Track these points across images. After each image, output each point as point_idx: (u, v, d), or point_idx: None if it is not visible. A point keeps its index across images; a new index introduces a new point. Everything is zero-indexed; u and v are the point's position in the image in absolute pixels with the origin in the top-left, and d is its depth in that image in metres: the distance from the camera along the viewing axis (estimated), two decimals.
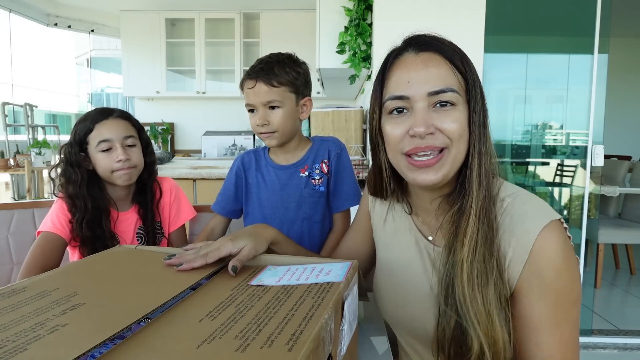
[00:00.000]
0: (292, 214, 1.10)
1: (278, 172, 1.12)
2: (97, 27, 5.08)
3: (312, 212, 1.10)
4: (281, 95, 1.03)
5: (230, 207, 1.17)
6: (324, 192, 1.10)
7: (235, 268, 0.64)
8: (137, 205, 1.21)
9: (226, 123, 4.93)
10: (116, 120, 1.14)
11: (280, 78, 1.02)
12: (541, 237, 0.63)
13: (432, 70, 0.66)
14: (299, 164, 1.11)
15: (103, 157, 1.11)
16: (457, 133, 0.66)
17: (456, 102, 0.66)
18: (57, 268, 0.66)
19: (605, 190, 2.94)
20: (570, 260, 0.65)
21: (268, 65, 1.03)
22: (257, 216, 1.13)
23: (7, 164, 3.61)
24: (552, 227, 0.64)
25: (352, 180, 1.12)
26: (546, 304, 0.64)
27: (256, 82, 1.02)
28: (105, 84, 8.54)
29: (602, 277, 3.09)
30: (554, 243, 0.64)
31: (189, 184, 2.46)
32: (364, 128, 2.91)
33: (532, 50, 2.53)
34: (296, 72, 1.05)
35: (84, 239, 1.09)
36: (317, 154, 1.11)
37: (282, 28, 4.49)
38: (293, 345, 0.40)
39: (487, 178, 0.68)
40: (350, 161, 1.13)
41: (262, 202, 1.12)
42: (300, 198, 1.09)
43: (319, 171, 1.10)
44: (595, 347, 2.32)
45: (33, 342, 0.41)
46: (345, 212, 1.14)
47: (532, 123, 2.59)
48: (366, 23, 2.33)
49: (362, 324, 0.82)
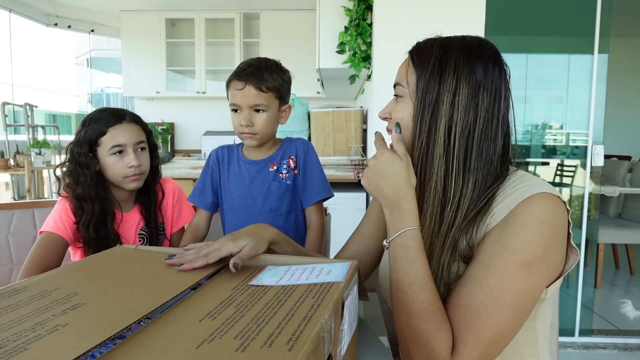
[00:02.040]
0: (259, 206, 1.16)
1: (249, 166, 1.18)
2: (97, 27, 5.08)
3: (278, 204, 1.17)
4: (267, 100, 1.09)
5: (209, 199, 1.22)
6: (290, 185, 1.17)
7: (237, 265, 0.65)
8: (140, 205, 1.22)
9: (226, 123, 4.90)
10: (130, 125, 1.14)
11: (268, 84, 1.08)
12: (528, 199, 0.67)
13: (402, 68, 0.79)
14: (268, 159, 1.18)
15: (115, 161, 1.11)
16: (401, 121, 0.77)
17: (403, 95, 0.77)
18: (57, 268, 0.66)
19: (605, 190, 2.94)
20: (544, 228, 0.65)
21: (258, 70, 1.09)
22: (226, 207, 1.20)
23: (7, 164, 3.61)
24: (543, 195, 0.67)
25: (320, 175, 1.19)
26: (492, 250, 0.67)
27: (245, 85, 1.08)
28: (105, 84, 8.53)
29: (602, 277, 3.09)
30: (535, 206, 0.66)
31: (189, 184, 2.46)
32: (364, 128, 2.91)
33: (532, 50, 2.53)
34: (282, 80, 1.12)
35: (89, 240, 1.09)
36: (285, 151, 1.19)
37: (282, 28, 4.49)
38: (293, 345, 0.40)
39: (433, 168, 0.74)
40: (317, 158, 1.22)
41: (232, 194, 1.19)
42: (267, 190, 1.16)
43: (286, 166, 1.18)
44: (595, 347, 2.32)
45: (33, 342, 0.41)
46: (317, 205, 1.20)
47: (532, 123, 2.59)
48: (366, 23, 2.33)
49: (362, 324, 0.82)
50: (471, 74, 0.72)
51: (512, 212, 0.67)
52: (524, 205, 0.67)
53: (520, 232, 0.66)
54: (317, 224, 1.18)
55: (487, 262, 0.66)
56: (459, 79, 0.72)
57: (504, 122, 0.75)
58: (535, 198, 0.67)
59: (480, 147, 0.72)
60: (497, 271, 0.65)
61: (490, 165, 0.73)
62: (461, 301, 0.66)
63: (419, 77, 0.75)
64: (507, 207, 0.68)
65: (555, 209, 0.67)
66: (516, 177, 0.74)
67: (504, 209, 0.69)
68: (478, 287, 0.65)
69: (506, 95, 0.74)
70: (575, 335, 2.39)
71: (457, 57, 0.72)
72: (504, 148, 0.75)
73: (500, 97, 0.73)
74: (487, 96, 0.72)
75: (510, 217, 0.67)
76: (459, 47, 0.73)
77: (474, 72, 0.72)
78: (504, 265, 0.65)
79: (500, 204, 0.70)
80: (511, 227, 0.66)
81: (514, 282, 0.64)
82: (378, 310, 0.88)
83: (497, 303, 0.64)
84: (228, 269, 0.65)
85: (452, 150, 0.72)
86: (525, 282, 0.64)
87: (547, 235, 0.66)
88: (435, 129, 0.73)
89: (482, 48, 0.74)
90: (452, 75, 0.72)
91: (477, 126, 0.72)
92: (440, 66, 0.73)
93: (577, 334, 2.39)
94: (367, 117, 2.84)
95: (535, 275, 0.65)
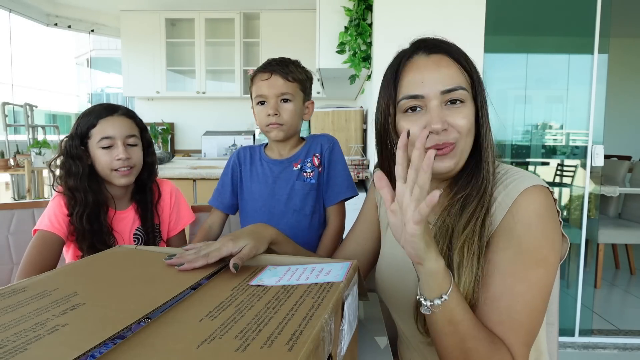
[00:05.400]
0: (282, 206, 1.13)
1: (272, 166, 1.16)
2: (97, 27, 5.08)
3: (302, 205, 1.13)
4: (294, 90, 1.10)
5: (227, 201, 1.20)
6: (315, 184, 1.13)
7: (237, 265, 0.65)
8: (136, 204, 1.20)
9: (226, 123, 4.93)
10: (120, 118, 1.13)
11: (294, 75, 1.10)
12: (522, 195, 0.69)
13: (443, 71, 0.72)
14: (292, 158, 1.15)
15: (103, 154, 1.10)
16: (466, 128, 0.72)
17: (465, 99, 0.72)
18: (57, 268, 0.66)
19: (605, 190, 2.94)
20: (545, 222, 0.68)
21: (283, 62, 1.11)
22: (248, 208, 1.17)
23: (7, 164, 3.61)
24: (534, 189, 0.69)
25: (344, 173, 1.16)
26: (507, 254, 0.68)
27: (272, 75, 1.09)
28: (105, 84, 8.53)
29: (602, 277, 3.09)
30: (532, 202, 0.68)
31: (188, 184, 2.46)
32: (364, 128, 2.91)
33: (532, 50, 2.53)
34: (306, 75, 1.14)
35: (82, 233, 1.08)
36: (309, 148, 1.16)
37: (282, 28, 4.49)
38: (293, 345, 0.40)
39: (494, 163, 0.75)
40: (342, 155, 1.18)
41: (254, 194, 1.16)
42: (291, 190, 1.13)
43: (311, 164, 1.14)
44: (595, 347, 2.32)
45: (33, 342, 0.41)
46: (339, 206, 1.16)
47: (532, 123, 2.59)
48: (366, 23, 2.33)
49: (362, 324, 0.82)
50: None
51: (510, 211, 0.69)
52: (520, 202, 0.69)
53: (527, 232, 0.67)
54: (335, 228, 1.15)
55: (509, 270, 0.67)
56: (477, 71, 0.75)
57: None
58: (529, 193, 0.69)
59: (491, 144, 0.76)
60: (521, 277, 0.67)
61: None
62: (503, 317, 0.67)
63: (473, 76, 0.74)
64: (505, 204, 0.70)
65: (547, 201, 0.70)
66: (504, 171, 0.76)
67: (501, 206, 0.71)
68: (513, 299, 0.66)
69: None
70: (575, 335, 2.39)
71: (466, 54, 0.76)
72: None
73: None
74: None
75: (511, 217, 0.69)
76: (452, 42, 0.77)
77: None
78: (525, 270, 0.67)
79: (496, 201, 0.72)
80: (517, 228, 0.68)
81: (538, 282, 0.67)
82: (378, 310, 0.88)
83: (532, 307, 0.67)
84: (228, 269, 0.65)
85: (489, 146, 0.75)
86: (546, 278, 0.68)
87: (548, 227, 0.68)
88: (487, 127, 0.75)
89: None
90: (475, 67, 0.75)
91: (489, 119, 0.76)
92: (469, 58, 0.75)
93: (577, 334, 2.39)
94: (367, 117, 2.84)
95: (549, 268, 0.68)
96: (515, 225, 0.68)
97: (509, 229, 0.69)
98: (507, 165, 0.78)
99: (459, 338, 0.65)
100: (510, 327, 0.66)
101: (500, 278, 0.68)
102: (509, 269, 0.68)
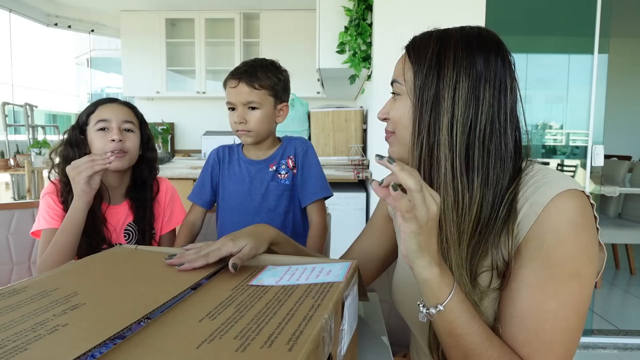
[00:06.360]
0: (256, 205, 1.18)
1: (249, 166, 1.20)
2: (97, 27, 5.08)
3: (275, 205, 1.18)
4: (260, 98, 1.11)
5: (207, 198, 1.23)
6: (289, 185, 1.18)
7: (236, 265, 0.64)
8: (130, 201, 1.19)
9: (226, 123, 4.83)
10: (119, 105, 1.16)
11: (261, 82, 1.11)
12: (553, 202, 0.62)
13: (398, 64, 0.75)
14: (268, 160, 1.19)
15: (98, 136, 1.11)
16: (396, 118, 0.74)
17: (400, 92, 0.74)
18: (57, 268, 0.66)
19: (605, 190, 2.94)
20: (578, 233, 0.61)
21: (252, 68, 1.12)
22: (225, 205, 1.22)
23: (7, 164, 3.61)
24: (568, 195, 0.62)
25: (319, 174, 1.20)
26: (535, 267, 0.62)
27: (239, 82, 1.11)
28: (105, 84, 8.54)
29: (602, 277, 3.09)
30: (564, 210, 0.61)
31: (188, 184, 2.46)
32: (364, 128, 2.91)
33: (532, 50, 2.53)
34: (277, 78, 1.14)
35: None
36: (284, 150, 1.20)
37: (282, 28, 4.48)
38: (293, 345, 0.40)
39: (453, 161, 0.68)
40: (317, 158, 1.22)
41: (231, 193, 1.20)
42: (265, 190, 1.17)
43: (285, 166, 1.19)
44: (595, 347, 2.32)
45: (33, 342, 0.41)
46: (318, 204, 1.19)
47: (532, 123, 2.59)
48: (366, 23, 2.33)
49: (362, 324, 0.82)
50: (471, 66, 0.67)
51: (540, 219, 0.62)
52: (552, 209, 0.62)
53: (558, 242, 0.61)
54: (317, 224, 1.18)
55: (537, 284, 0.62)
56: (459, 73, 0.67)
57: (513, 116, 0.70)
58: (561, 199, 0.62)
59: (483, 144, 0.67)
60: (551, 293, 0.61)
61: (502, 163, 0.68)
62: (530, 336, 0.62)
63: (416, 72, 0.70)
64: (533, 212, 0.63)
65: (584, 208, 0.62)
66: (533, 172, 0.68)
67: (529, 213, 0.64)
68: (541, 316, 0.61)
69: (512, 86, 0.70)
70: None
71: (456, 49, 0.68)
72: (515, 143, 0.70)
73: (506, 88, 0.69)
74: (490, 89, 0.67)
75: (540, 225, 0.62)
76: (457, 38, 0.69)
77: (474, 64, 0.67)
78: (555, 284, 0.61)
79: (524, 207, 0.65)
80: (547, 238, 0.62)
81: (571, 299, 0.61)
82: (378, 310, 0.88)
83: (565, 327, 0.61)
84: (228, 269, 0.65)
85: (455, 149, 0.67)
86: (581, 295, 0.62)
87: (584, 238, 0.62)
88: (437, 127, 0.68)
89: (483, 38, 0.69)
90: (452, 69, 0.67)
91: (478, 121, 0.67)
92: (439, 60, 0.68)
93: None
94: (367, 117, 2.84)
95: (585, 282, 0.62)
96: (545, 235, 0.62)
97: (538, 239, 0.62)
98: (539, 166, 0.70)
99: (462, 353, 0.62)
100: (538, 349, 0.61)
101: (528, 294, 0.62)
102: (537, 283, 0.62)
